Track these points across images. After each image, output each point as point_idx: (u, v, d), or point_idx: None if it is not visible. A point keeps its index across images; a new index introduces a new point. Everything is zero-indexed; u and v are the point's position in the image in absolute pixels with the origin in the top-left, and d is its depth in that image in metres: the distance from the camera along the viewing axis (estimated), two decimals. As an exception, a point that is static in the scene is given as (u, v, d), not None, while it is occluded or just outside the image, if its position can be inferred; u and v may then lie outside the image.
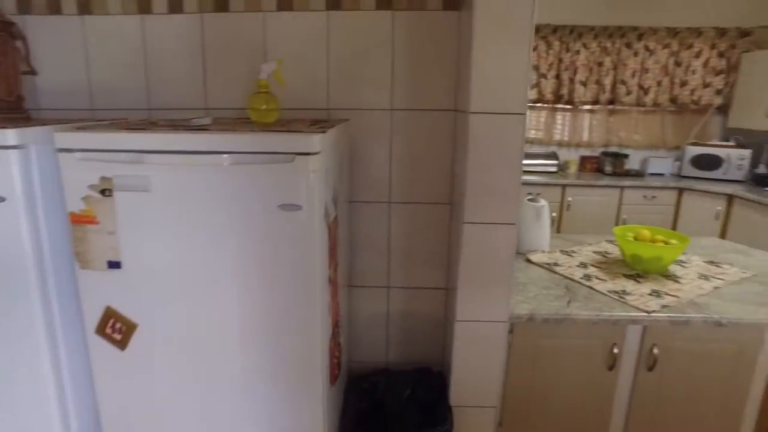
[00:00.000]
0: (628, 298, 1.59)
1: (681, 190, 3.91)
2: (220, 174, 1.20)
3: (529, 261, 1.93)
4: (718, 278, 1.79)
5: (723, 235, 3.73)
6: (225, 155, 1.19)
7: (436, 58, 1.63)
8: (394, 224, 1.79)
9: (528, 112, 1.50)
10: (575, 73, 4.15)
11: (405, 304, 1.87)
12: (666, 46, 4.08)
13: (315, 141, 1.17)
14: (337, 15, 1.61)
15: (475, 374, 1.59)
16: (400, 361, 1.94)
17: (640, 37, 4.06)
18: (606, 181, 3.93)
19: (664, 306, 1.53)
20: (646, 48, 4.08)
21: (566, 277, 1.76)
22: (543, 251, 2.02)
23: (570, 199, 3.92)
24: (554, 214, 3.93)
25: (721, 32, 4.05)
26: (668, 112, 4.30)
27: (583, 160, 4.34)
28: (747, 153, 3.92)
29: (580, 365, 1.78)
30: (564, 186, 3.91)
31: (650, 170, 4.24)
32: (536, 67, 4.13)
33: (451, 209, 1.74)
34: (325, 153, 1.24)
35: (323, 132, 1.22)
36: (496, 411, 1.69)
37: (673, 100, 4.20)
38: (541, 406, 1.81)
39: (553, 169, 4.17)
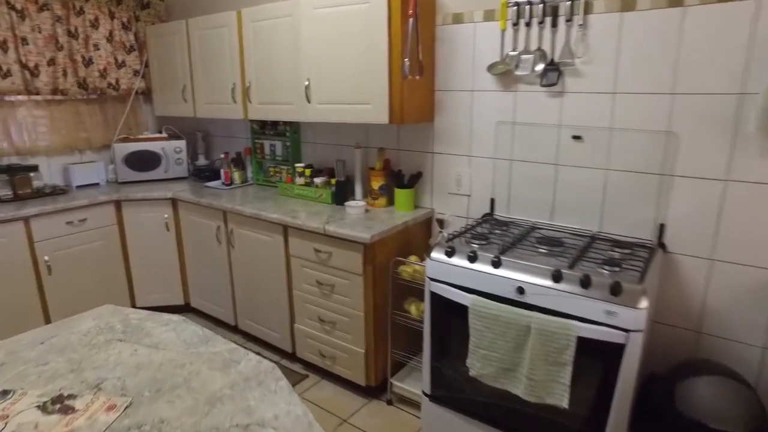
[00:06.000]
0: None
1: (118, 203, 2.97)
2: None
3: None
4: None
5: (180, 246, 3.06)
6: None
7: None
8: None
9: None
10: None
11: None
12: (44, 8, 2.89)
13: None
14: None
15: None
16: None
17: (-3, -9, 2.70)
18: (1, 212, 2.50)
19: None
20: (12, 7, 2.77)
21: None
22: None
23: None
24: None
25: (118, -3, 3.22)
26: (82, 101, 3.21)
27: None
28: (181, 144, 3.34)
29: None
30: None
31: (76, 182, 3.10)
32: None
33: None
34: None
35: None
36: None
37: (83, 85, 3.13)
38: None
39: None
